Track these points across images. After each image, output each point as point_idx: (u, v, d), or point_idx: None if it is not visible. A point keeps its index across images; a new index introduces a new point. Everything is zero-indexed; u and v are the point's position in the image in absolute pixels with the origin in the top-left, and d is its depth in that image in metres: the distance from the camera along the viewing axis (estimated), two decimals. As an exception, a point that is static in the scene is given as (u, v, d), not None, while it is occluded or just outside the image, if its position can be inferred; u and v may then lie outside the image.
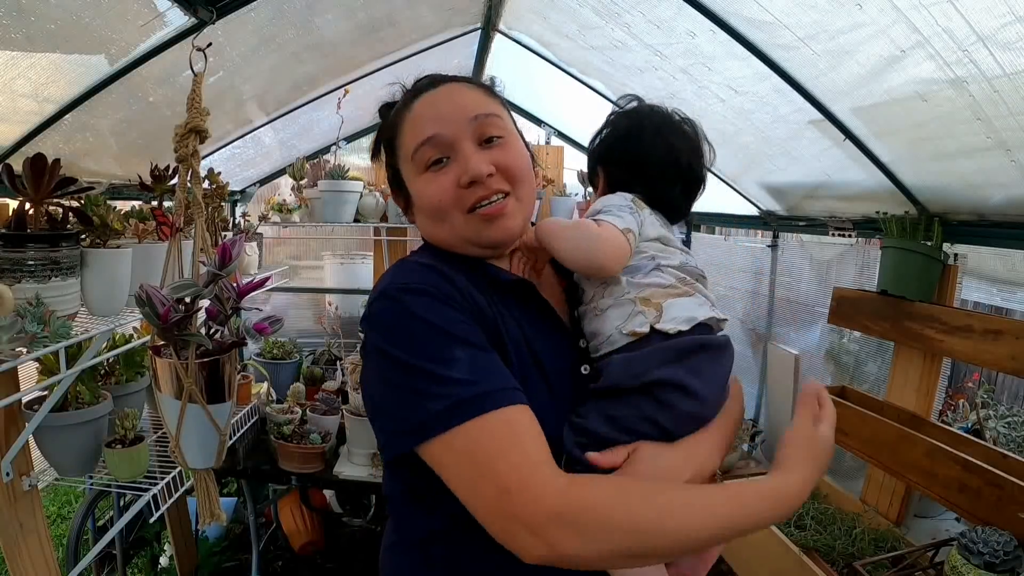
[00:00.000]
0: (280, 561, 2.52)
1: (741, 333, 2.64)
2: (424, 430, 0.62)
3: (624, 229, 0.77)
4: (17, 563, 1.29)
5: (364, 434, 2.02)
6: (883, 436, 1.49)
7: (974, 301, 2.00)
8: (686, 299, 0.78)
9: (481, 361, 0.65)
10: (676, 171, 0.85)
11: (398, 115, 0.79)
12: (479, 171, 0.72)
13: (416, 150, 0.75)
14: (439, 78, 0.81)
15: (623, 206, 0.82)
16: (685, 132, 0.87)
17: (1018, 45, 1.01)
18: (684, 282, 0.80)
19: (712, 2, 1.39)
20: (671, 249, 0.83)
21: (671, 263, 0.81)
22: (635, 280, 0.79)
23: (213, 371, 1.10)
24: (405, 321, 0.67)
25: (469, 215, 0.74)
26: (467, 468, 0.61)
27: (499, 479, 0.59)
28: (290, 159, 2.69)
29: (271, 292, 2.90)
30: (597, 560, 0.59)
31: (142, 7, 1.22)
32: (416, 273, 0.71)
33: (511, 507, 0.58)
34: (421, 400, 0.63)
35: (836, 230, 1.95)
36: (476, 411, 0.61)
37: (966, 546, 1.14)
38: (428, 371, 0.63)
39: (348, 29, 1.83)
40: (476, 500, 0.61)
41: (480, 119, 0.75)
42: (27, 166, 1.15)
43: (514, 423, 0.63)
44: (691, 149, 0.86)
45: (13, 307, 1.04)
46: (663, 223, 0.86)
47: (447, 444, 0.62)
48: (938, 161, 1.44)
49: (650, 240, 0.82)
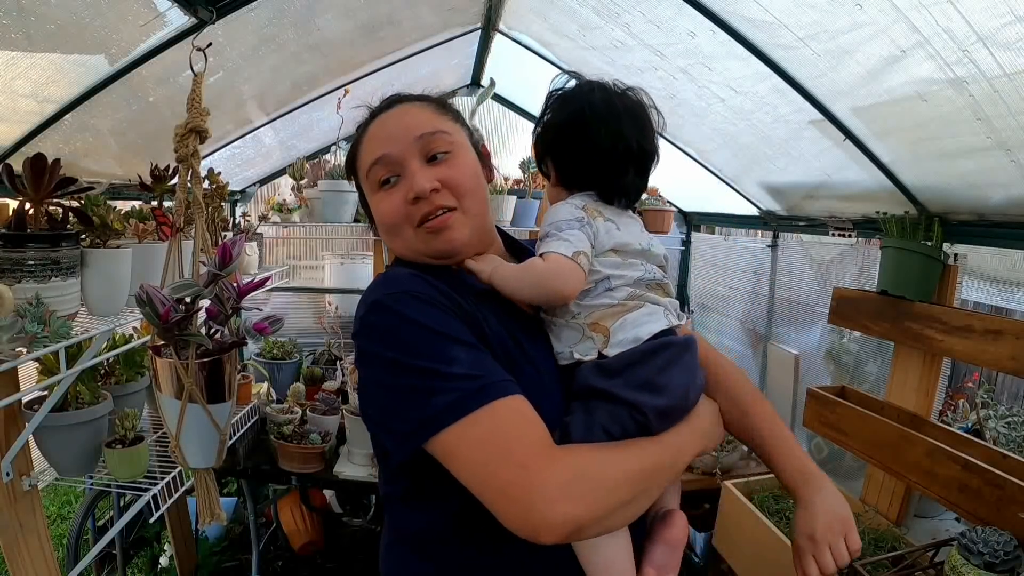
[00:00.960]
0: (280, 561, 2.52)
1: (741, 333, 2.64)
2: (435, 423, 0.65)
3: (573, 254, 0.77)
4: (17, 563, 1.29)
5: (364, 434, 2.02)
6: (883, 436, 1.49)
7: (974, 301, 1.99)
8: (636, 313, 0.78)
9: (478, 358, 0.69)
10: (627, 158, 0.82)
11: (358, 137, 0.85)
12: (422, 188, 0.76)
13: (369, 170, 0.80)
14: (395, 99, 0.85)
15: (571, 221, 0.80)
16: (631, 110, 0.83)
17: (1018, 45, 1.01)
18: (634, 296, 0.80)
19: (712, 2, 1.39)
20: (628, 260, 0.81)
21: (624, 279, 0.80)
22: (584, 303, 0.79)
23: (213, 371, 1.10)
24: (402, 326, 0.70)
25: (418, 229, 0.78)
26: (481, 453, 0.65)
27: (516, 457, 0.64)
28: (290, 159, 2.69)
29: (271, 292, 2.90)
30: (603, 516, 0.65)
31: (142, 7, 1.22)
32: (405, 282, 0.74)
33: (529, 481, 0.62)
34: (428, 397, 0.66)
35: (836, 230, 1.95)
36: (482, 401, 0.65)
37: (966, 546, 1.14)
38: (432, 370, 0.67)
39: (348, 29, 1.83)
40: (493, 481, 0.64)
41: (425, 137, 0.79)
42: (27, 166, 1.15)
43: (519, 409, 0.67)
44: (640, 129, 0.83)
45: (13, 307, 1.04)
46: (618, 216, 0.84)
47: (459, 434, 0.65)
48: (938, 161, 1.44)
49: (606, 253, 0.81)
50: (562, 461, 0.65)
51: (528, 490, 0.62)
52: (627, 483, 0.68)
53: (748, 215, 2.46)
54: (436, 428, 0.65)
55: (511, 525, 0.63)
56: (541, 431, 0.67)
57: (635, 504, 0.70)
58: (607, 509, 0.65)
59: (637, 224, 0.87)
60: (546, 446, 0.66)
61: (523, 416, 0.67)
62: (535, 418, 0.68)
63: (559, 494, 0.62)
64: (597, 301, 0.79)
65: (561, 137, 0.85)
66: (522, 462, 0.63)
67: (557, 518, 0.62)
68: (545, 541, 0.62)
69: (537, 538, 0.62)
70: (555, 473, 0.63)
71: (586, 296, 0.79)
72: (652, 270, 0.83)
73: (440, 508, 0.75)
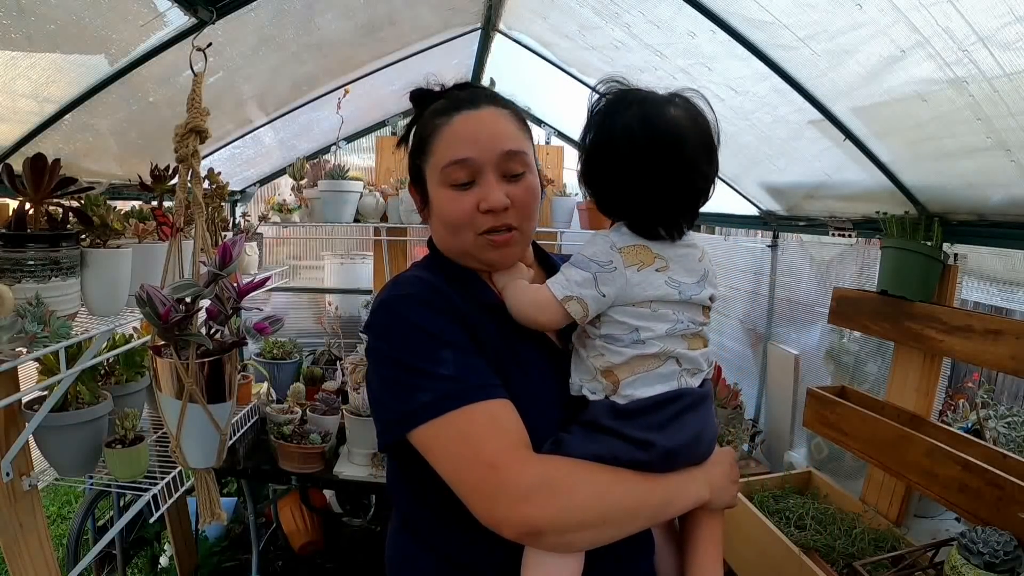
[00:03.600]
0: (280, 561, 2.52)
1: (741, 333, 2.64)
2: (414, 418, 0.71)
3: (563, 299, 0.76)
4: (17, 563, 1.29)
5: (364, 434, 2.02)
6: (883, 436, 1.49)
7: (974, 301, 1.99)
8: (652, 373, 0.75)
9: (467, 361, 0.73)
10: (672, 189, 0.75)
11: (436, 121, 0.81)
12: (499, 202, 0.78)
13: (447, 166, 0.79)
14: (481, 96, 0.83)
15: (593, 264, 0.75)
16: (681, 133, 0.74)
17: (1018, 45, 1.01)
18: (663, 353, 0.76)
19: (712, 2, 1.39)
20: (660, 312, 0.76)
21: (654, 333, 0.75)
22: (612, 347, 0.76)
23: (213, 371, 1.10)
24: (400, 326, 0.75)
25: (479, 236, 0.80)
26: (454, 449, 0.69)
27: (486, 456, 0.68)
28: (290, 159, 2.69)
29: (271, 292, 2.91)
30: (564, 529, 0.67)
31: (142, 7, 1.22)
32: (411, 285, 0.80)
33: (497, 479, 0.67)
34: (412, 393, 0.72)
35: (836, 230, 1.95)
36: (461, 403, 0.70)
37: (966, 546, 1.14)
38: (419, 368, 0.72)
39: (348, 29, 1.83)
40: (463, 476, 0.69)
41: (510, 155, 0.79)
42: (27, 166, 1.15)
43: (496, 414, 0.71)
44: (692, 154, 0.74)
45: (13, 307, 1.04)
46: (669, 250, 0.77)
47: (435, 431, 0.70)
48: (938, 161, 1.44)
49: (640, 304, 0.75)
50: (533, 466, 0.68)
51: (495, 488, 0.66)
52: (597, 506, 0.69)
53: (748, 215, 2.45)
54: (415, 422, 0.71)
55: (478, 516, 0.68)
56: (515, 436, 0.70)
57: (602, 530, 0.70)
58: (568, 524, 0.67)
59: (691, 257, 0.79)
60: (518, 450, 0.69)
61: (498, 420, 0.70)
62: (512, 423, 0.71)
63: (522, 496, 0.66)
64: (624, 349, 0.76)
65: (594, 160, 0.79)
66: (491, 462, 0.67)
67: (516, 517, 0.65)
68: (506, 536, 0.67)
69: (500, 531, 0.67)
70: (522, 475, 0.67)
71: (614, 342, 0.76)
72: (684, 320, 0.77)
73: (426, 496, 0.79)
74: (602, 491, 0.69)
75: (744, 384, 2.35)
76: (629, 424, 0.73)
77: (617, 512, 0.70)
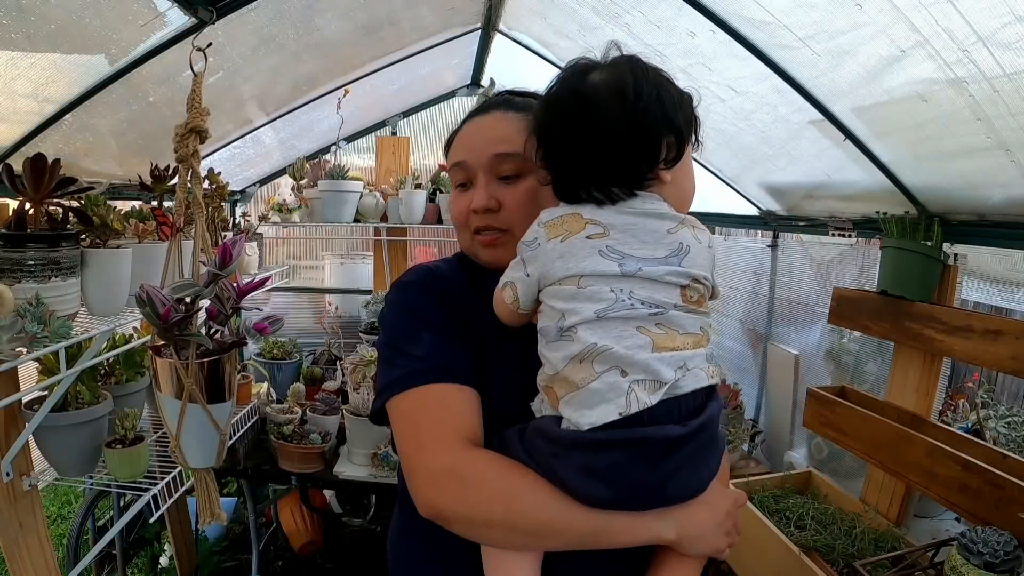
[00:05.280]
0: (280, 561, 2.52)
1: (741, 333, 2.64)
2: (387, 391, 0.76)
3: (501, 287, 0.73)
4: (17, 563, 1.29)
5: (364, 434, 2.02)
6: (883, 436, 1.49)
7: (974, 301, 1.99)
8: (586, 394, 0.60)
9: (443, 345, 0.76)
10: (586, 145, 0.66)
11: (458, 130, 0.89)
12: (479, 204, 0.82)
13: (450, 169, 0.88)
14: (497, 102, 0.86)
15: (522, 247, 0.71)
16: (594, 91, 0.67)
17: (1018, 45, 1.01)
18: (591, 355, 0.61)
19: (712, 2, 1.39)
20: (593, 289, 0.62)
21: (583, 316, 0.62)
22: (543, 351, 0.68)
23: (213, 371, 1.10)
24: (395, 308, 0.83)
25: (474, 235, 0.84)
26: (403, 425, 0.74)
27: (418, 436, 0.71)
28: (290, 159, 2.69)
29: (271, 292, 2.91)
30: (467, 522, 0.67)
31: (142, 7, 1.22)
32: (415, 272, 0.86)
33: (416, 459, 0.70)
34: (390, 368, 0.77)
35: (836, 230, 1.95)
36: (421, 381, 0.73)
37: (966, 546, 1.14)
38: (398, 346, 0.78)
39: (348, 29, 1.83)
40: (401, 450, 0.73)
41: (501, 158, 0.81)
42: (27, 166, 1.15)
43: (448, 398, 0.73)
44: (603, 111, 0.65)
45: (13, 307, 1.04)
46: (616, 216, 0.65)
47: (397, 404, 0.74)
48: (938, 161, 1.44)
49: (565, 281, 0.64)
50: (451, 454, 0.69)
51: (414, 467, 0.70)
52: (503, 509, 0.65)
53: (748, 215, 2.45)
54: (387, 395, 0.75)
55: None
56: (456, 422, 0.71)
57: (513, 534, 0.66)
58: (472, 518, 0.67)
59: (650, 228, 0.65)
60: (450, 435, 0.70)
61: (446, 404, 0.73)
62: (460, 409, 0.73)
63: (428, 481, 0.68)
64: (553, 354, 0.65)
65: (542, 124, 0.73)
66: (420, 442, 0.70)
67: (421, 499, 0.68)
68: (421, 514, 0.69)
69: (417, 508, 0.69)
70: (434, 461, 0.68)
71: (545, 339, 0.67)
72: (630, 300, 0.62)
73: None
74: (512, 495, 0.65)
75: (744, 384, 2.36)
76: (564, 457, 0.62)
77: (527, 521, 0.65)
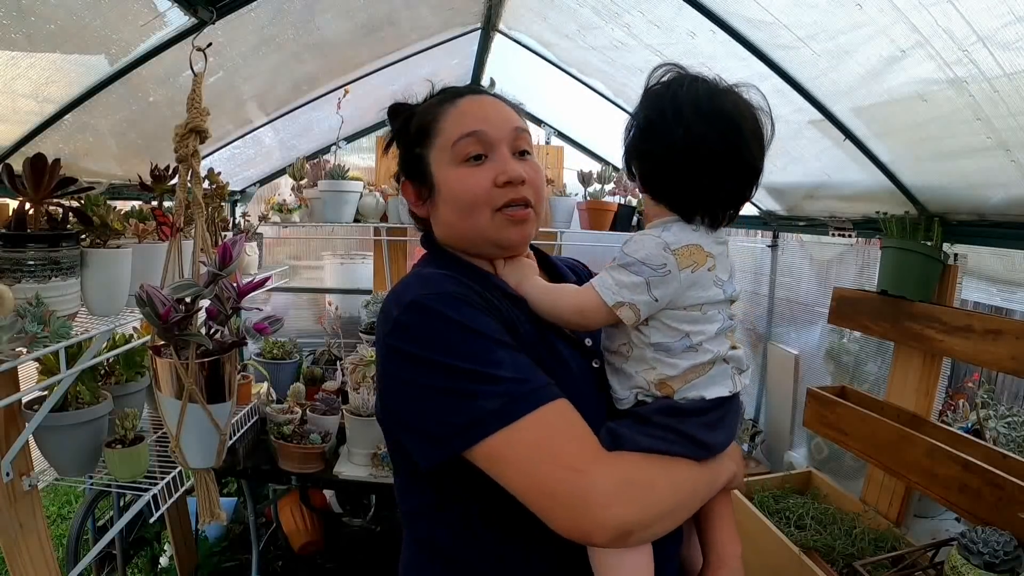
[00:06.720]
0: (280, 561, 2.52)
1: (741, 333, 2.64)
2: (482, 427, 0.64)
3: (614, 304, 0.71)
4: (17, 563, 1.29)
5: (364, 434, 2.02)
6: (883, 436, 1.49)
7: (974, 301, 1.99)
8: (704, 378, 0.73)
9: (520, 360, 0.68)
10: (730, 168, 0.71)
11: (440, 107, 0.81)
12: (517, 174, 0.76)
13: (458, 140, 0.77)
14: (481, 88, 0.86)
15: (645, 268, 0.70)
16: (743, 113, 0.72)
17: (1018, 45, 1.01)
18: (716, 359, 0.74)
19: (712, 2, 1.39)
20: (709, 314, 0.73)
21: (705, 335, 0.73)
22: (660, 358, 0.73)
23: (213, 371, 1.10)
24: (444, 327, 0.68)
25: (496, 213, 0.77)
26: (531, 457, 0.64)
27: (566, 460, 0.64)
28: (290, 159, 2.69)
29: (271, 292, 2.91)
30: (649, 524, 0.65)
31: (142, 7, 1.22)
32: (443, 282, 0.73)
33: (583, 483, 0.62)
34: (472, 401, 0.65)
35: (836, 230, 1.95)
36: (532, 405, 0.65)
37: (966, 546, 1.14)
38: (476, 372, 0.65)
39: (348, 29, 1.83)
40: (543, 485, 0.63)
41: (520, 132, 0.80)
42: (27, 166, 1.15)
43: (566, 413, 0.67)
44: (749, 138, 0.71)
45: (13, 307, 1.04)
46: (714, 245, 0.75)
47: (507, 438, 0.64)
48: (938, 161, 1.44)
49: (692, 308, 0.72)
50: (613, 465, 0.65)
51: (581, 492, 0.62)
52: (672, 494, 0.69)
53: (748, 215, 2.46)
54: (483, 433, 0.64)
55: (560, 527, 0.63)
56: (589, 435, 0.67)
57: (675, 515, 0.71)
58: (654, 516, 0.66)
59: (727, 254, 0.78)
60: (596, 450, 0.66)
61: (571, 420, 0.67)
62: (581, 422, 0.68)
63: (612, 497, 0.63)
64: (678, 361, 0.73)
65: (649, 134, 0.74)
66: (573, 465, 0.63)
67: (609, 520, 0.62)
68: (597, 543, 0.65)
69: (589, 540, 0.64)
70: (607, 476, 0.64)
71: (666, 352, 0.73)
72: (726, 318, 0.76)
73: (464, 514, 0.74)
74: (673, 479, 0.69)
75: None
76: (685, 423, 0.73)
77: (687, 499, 0.71)
